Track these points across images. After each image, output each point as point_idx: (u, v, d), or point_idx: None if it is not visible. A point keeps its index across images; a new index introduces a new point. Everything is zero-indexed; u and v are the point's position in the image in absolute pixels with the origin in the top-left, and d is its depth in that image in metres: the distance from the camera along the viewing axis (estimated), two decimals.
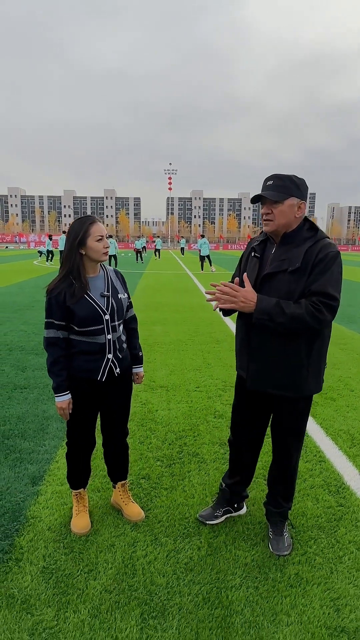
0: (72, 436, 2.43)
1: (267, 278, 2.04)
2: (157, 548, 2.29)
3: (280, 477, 2.33)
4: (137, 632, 1.80)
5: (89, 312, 2.17)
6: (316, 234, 2.01)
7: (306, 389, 2.09)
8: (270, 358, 2.06)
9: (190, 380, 4.96)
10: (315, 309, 1.89)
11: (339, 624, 1.85)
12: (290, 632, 1.81)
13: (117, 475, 2.59)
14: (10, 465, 3.09)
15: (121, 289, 2.37)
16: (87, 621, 1.85)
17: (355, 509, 2.63)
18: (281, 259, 2.01)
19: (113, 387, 2.38)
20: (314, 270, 1.94)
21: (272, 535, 2.31)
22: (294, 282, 1.96)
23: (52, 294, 2.18)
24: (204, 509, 2.55)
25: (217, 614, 1.89)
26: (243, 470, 2.46)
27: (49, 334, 2.22)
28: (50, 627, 1.82)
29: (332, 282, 1.92)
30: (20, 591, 2.00)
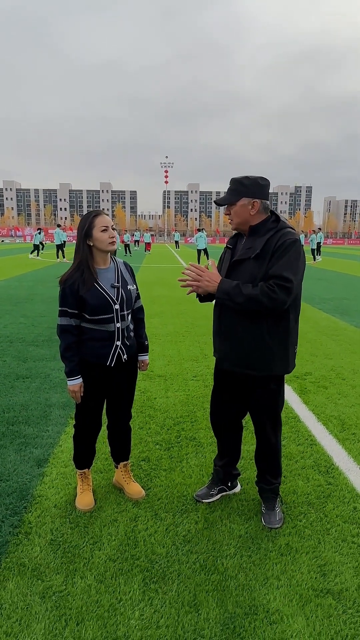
0: (80, 419, 2.57)
1: (236, 264, 2.28)
2: (157, 522, 2.44)
3: (263, 456, 2.50)
4: (140, 594, 1.96)
5: (100, 301, 2.31)
6: (278, 225, 2.24)
7: (274, 369, 2.27)
8: (237, 338, 2.26)
9: (187, 370, 5.12)
10: (269, 290, 2.10)
11: (325, 587, 2.02)
12: (280, 594, 1.97)
13: (120, 456, 2.72)
14: (16, 449, 3.24)
15: (130, 280, 2.50)
16: (94, 585, 2.01)
17: (343, 487, 2.80)
18: (247, 247, 2.25)
19: (120, 373, 2.51)
20: (274, 256, 2.16)
21: (265, 510, 2.48)
22: (256, 268, 2.18)
23: (66, 284, 2.32)
24: (200, 489, 2.71)
25: (213, 578, 2.06)
26: (229, 450, 2.64)
27: (63, 322, 2.36)
28: (59, 591, 1.98)
29: (288, 266, 2.12)
30: (30, 560, 2.15)
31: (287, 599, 1.95)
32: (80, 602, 1.92)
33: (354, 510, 2.57)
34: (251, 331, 2.22)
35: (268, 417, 2.41)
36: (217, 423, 2.61)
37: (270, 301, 2.10)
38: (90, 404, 2.52)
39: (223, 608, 1.90)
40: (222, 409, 2.55)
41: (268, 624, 1.83)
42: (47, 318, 7.99)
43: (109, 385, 2.54)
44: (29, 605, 1.90)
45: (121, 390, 2.57)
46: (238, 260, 2.27)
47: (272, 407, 2.39)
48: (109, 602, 1.92)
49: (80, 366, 2.42)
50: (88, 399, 2.49)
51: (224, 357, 2.36)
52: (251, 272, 2.19)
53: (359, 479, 2.89)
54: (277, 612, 1.88)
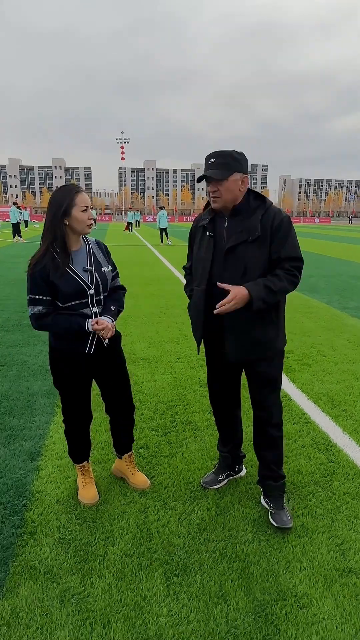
0: (68, 411, 2.41)
1: (230, 251, 2.10)
2: (169, 512, 2.36)
3: (268, 442, 2.33)
4: (164, 589, 1.89)
5: (73, 287, 2.10)
6: (264, 203, 2.11)
7: (278, 345, 2.25)
8: (246, 328, 2.13)
9: (170, 352, 5.01)
10: (292, 275, 2.07)
11: (346, 566, 2.02)
12: (304, 577, 1.96)
13: (124, 448, 2.60)
14: (4, 442, 3.04)
15: (104, 261, 2.28)
16: (114, 584, 1.91)
17: (344, 464, 2.83)
18: (238, 230, 2.08)
19: (104, 362, 2.34)
20: (275, 236, 2.06)
21: (274, 511, 2.31)
22: (257, 250, 2.06)
23: (36, 269, 2.08)
24: (206, 475, 2.64)
25: (236, 566, 2.01)
26: (232, 435, 2.58)
27: (34, 311, 2.13)
28: (78, 592, 1.86)
29: (295, 245, 2.09)
30: (41, 562, 2.02)
31: (312, 581, 1.94)
32: (102, 602, 1.82)
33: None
34: (260, 318, 2.13)
35: (272, 391, 2.29)
36: (220, 412, 2.55)
37: (294, 286, 2.09)
38: (75, 395, 2.35)
39: (251, 596, 1.86)
40: (222, 396, 2.49)
41: (298, 608, 1.81)
42: (14, 301, 7.59)
43: (93, 375, 2.38)
44: (47, 611, 1.78)
45: (112, 379, 2.41)
46: (232, 246, 2.08)
47: (277, 378, 2.30)
48: (133, 601, 1.83)
49: (59, 354, 2.25)
50: (71, 389, 2.34)
51: (235, 351, 2.19)
52: (252, 256, 2.06)
53: (359, 455, 2.93)
54: (305, 595, 1.87)
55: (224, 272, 2.13)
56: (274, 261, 2.09)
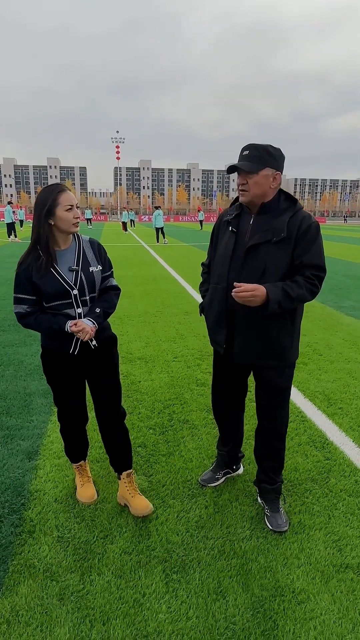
0: (60, 412, 2.41)
1: (252, 249, 2.03)
2: (167, 510, 2.38)
3: (270, 452, 2.32)
4: (163, 586, 1.90)
5: (55, 288, 2.06)
6: (295, 205, 2.05)
7: (291, 356, 2.17)
8: (258, 331, 2.08)
9: (166, 351, 5.02)
10: (312, 285, 1.99)
11: (343, 562, 2.04)
12: (302, 573, 1.98)
13: (121, 464, 2.41)
14: (1, 442, 3.04)
15: (94, 260, 2.19)
16: (113, 582, 1.92)
17: (341, 462, 2.85)
18: (263, 229, 2.02)
19: (95, 364, 2.27)
20: (300, 241, 1.98)
21: (270, 513, 2.30)
22: (279, 252, 1.99)
23: (21, 268, 2.07)
24: (204, 473, 2.64)
25: (234, 563, 2.03)
26: (233, 436, 2.57)
27: (17, 310, 2.11)
28: (77, 590, 1.87)
29: (321, 254, 2.02)
30: (40, 561, 2.02)
31: (309, 577, 1.96)
32: (102, 600, 1.83)
33: (356, 484, 2.62)
34: (274, 323, 2.06)
35: (280, 403, 2.25)
36: (221, 413, 2.53)
37: (313, 295, 2.01)
38: (64, 395, 2.33)
39: (249, 592, 1.88)
40: (226, 398, 2.46)
41: (296, 604, 1.83)
42: (9, 301, 7.57)
43: (81, 375, 2.30)
44: (47, 609, 1.78)
45: (102, 381, 2.30)
46: (254, 244, 2.02)
47: (286, 392, 2.26)
48: (132, 598, 1.84)
49: (45, 354, 2.25)
50: (60, 390, 2.32)
51: (242, 352, 2.14)
52: (274, 257, 1.99)
53: (354, 452, 2.96)
54: (303, 591, 1.89)
55: (242, 271, 2.06)
56: (295, 266, 2.01)
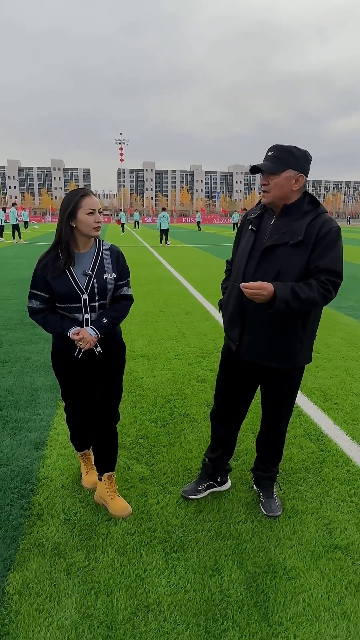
0: (66, 405, 2.51)
1: (268, 251, 2.02)
2: (167, 496, 2.51)
3: (270, 444, 2.41)
4: (163, 563, 2.04)
5: (66, 289, 2.11)
6: (317, 208, 2.01)
7: (300, 361, 2.15)
8: (267, 331, 2.07)
9: (168, 349, 5.16)
10: (325, 289, 1.93)
11: (332, 543, 2.17)
12: (293, 552, 2.11)
13: (104, 465, 2.42)
14: (10, 433, 3.18)
15: (110, 268, 2.20)
16: (117, 559, 2.06)
17: (334, 453, 2.98)
18: (282, 231, 2.00)
19: (100, 368, 2.30)
20: (318, 245, 1.95)
21: (264, 499, 2.40)
22: (295, 256, 1.97)
23: (39, 265, 2.15)
24: (187, 485, 2.55)
25: (230, 543, 2.16)
26: (226, 443, 2.48)
27: (31, 304, 2.20)
28: (83, 566, 2.01)
29: (338, 259, 1.97)
30: (48, 540, 2.16)
31: (300, 556, 2.09)
32: (106, 575, 1.97)
33: (348, 473, 2.75)
34: (286, 325, 2.04)
35: (286, 407, 2.31)
36: (222, 412, 2.42)
37: (325, 301, 1.95)
38: (69, 390, 2.41)
39: (244, 569, 2.01)
40: (231, 398, 2.37)
41: (287, 579, 1.96)
42: (15, 301, 7.73)
43: (87, 377, 2.34)
44: (55, 582, 1.92)
45: (102, 385, 2.33)
46: (271, 245, 2.01)
47: (291, 397, 2.30)
48: (134, 573, 1.98)
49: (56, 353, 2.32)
50: (65, 385, 2.41)
51: (249, 349, 2.14)
52: (289, 260, 1.97)
53: (348, 445, 3.09)
54: (294, 568, 2.02)
55: (256, 271, 2.05)
56: (310, 270, 1.97)
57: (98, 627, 1.72)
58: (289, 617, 1.78)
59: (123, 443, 3.06)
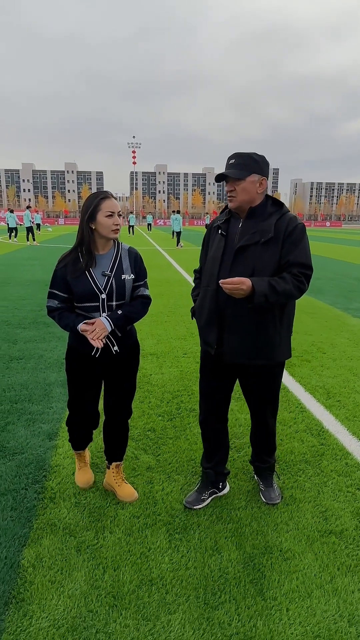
0: (71, 407, 2.51)
1: (241, 251, 2.13)
2: (172, 483, 2.65)
3: (260, 438, 2.51)
4: (166, 543, 2.18)
5: (85, 289, 2.17)
6: (281, 208, 2.16)
7: (280, 356, 2.23)
8: (247, 330, 2.14)
9: (177, 348, 5.31)
10: (299, 282, 2.06)
11: (327, 528, 2.29)
12: (290, 536, 2.23)
13: (114, 456, 2.54)
14: (24, 425, 3.36)
15: (128, 269, 2.26)
16: (123, 538, 2.20)
17: (334, 447, 3.09)
18: (251, 232, 2.12)
19: (115, 367, 2.36)
20: (287, 241, 2.08)
21: (264, 488, 2.51)
22: (267, 253, 2.08)
23: (59, 266, 2.21)
24: (189, 495, 2.52)
25: (230, 527, 2.29)
26: (219, 448, 2.51)
27: (49, 303, 2.26)
28: (92, 544, 2.16)
29: (307, 253, 2.12)
30: (60, 520, 2.32)
31: (296, 540, 2.21)
32: (113, 552, 2.11)
33: (346, 465, 2.86)
34: (264, 322, 2.13)
35: (270, 402, 2.40)
36: (208, 420, 2.46)
37: (300, 292, 2.08)
38: (79, 392, 2.43)
39: (242, 550, 2.14)
40: (218, 402, 2.42)
41: (283, 560, 2.08)
42: (29, 301, 7.96)
43: (102, 378, 2.41)
44: (66, 557, 2.08)
45: (117, 387, 2.41)
46: (243, 246, 2.12)
47: (275, 392, 2.39)
48: (139, 551, 2.12)
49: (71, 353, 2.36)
50: (76, 386, 2.42)
51: (230, 350, 2.19)
52: (262, 258, 2.08)
53: (347, 439, 3.19)
54: (289, 550, 2.14)
55: (231, 272, 2.13)
56: (283, 266, 2.10)
57: (105, 597, 1.87)
58: (283, 593, 1.90)
59: (131, 435, 3.21)
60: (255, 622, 1.77)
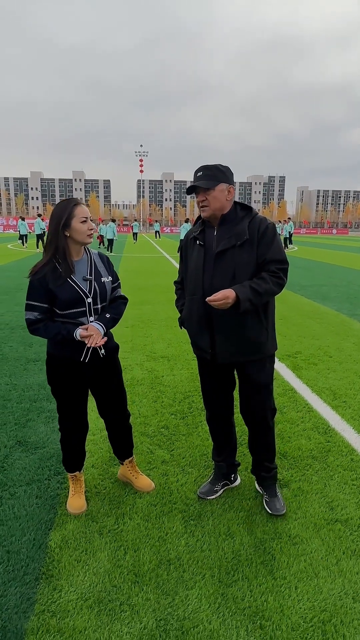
0: (63, 419, 2.48)
1: (220, 255, 2.24)
2: (186, 476, 2.81)
3: (259, 442, 2.51)
4: (182, 529, 2.33)
5: (71, 295, 2.19)
6: (251, 212, 2.30)
7: (269, 349, 2.36)
8: (235, 331, 2.25)
9: (187, 351, 5.47)
10: (277, 277, 2.20)
11: (333, 517, 2.43)
12: (298, 524, 2.38)
13: (124, 454, 2.66)
14: (44, 422, 3.53)
15: (105, 272, 2.35)
16: (142, 524, 2.36)
17: (340, 444, 3.23)
18: (227, 237, 2.24)
19: (100, 371, 2.41)
20: (262, 241, 2.21)
21: (268, 498, 2.50)
22: (245, 254, 2.21)
23: (35, 277, 2.20)
24: (202, 486, 2.65)
25: (242, 515, 2.44)
26: (228, 441, 2.64)
27: (28, 316, 2.23)
28: (114, 529, 2.32)
29: (280, 248, 2.25)
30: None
31: (304, 527, 2.36)
32: (133, 536, 2.27)
33: (352, 461, 3.00)
34: (250, 321, 2.24)
35: (266, 396, 2.43)
36: (216, 416, 2.60)
37: (280, 287, 2.22)
38: (69, 403, 2.43)
39: (253, 535, 2.29)
40: (219, 400, 2.54)
41: (292, 544, 2.23)
42: None
43: (88, 384, 2.44)
44: (89, 540, 2.24)
45: (107, 391, 2.47)
46: (221, 250, 2.24)
47: (269, 386, 2.43)
48: (157, 535, 2.28)
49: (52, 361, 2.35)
50: (65, 398, 2.41)
51: (222, 352, 2.31)
52: (241, 259, 2.20)
53: (353, 437, 3.33)
54: (298, 536, 2.29)
55: (213, 278, 2.24)
56: (260, 264, 2.23)
57: (127, 574, 2.03)
58: (292, 573, 2.05)
59: (146, 431, 3.37)
60: (267, 598, 1.91)
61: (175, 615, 1.83)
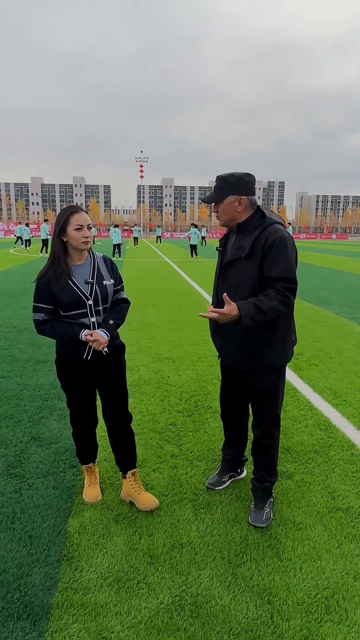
0: (73, 414, 2.59)
1: (227, 266, 2.29)
2: (194, 469, 2.95)
3: (261, 448, 2.48)
4: (193, 516, 2.47)
5: (71, 298, 2.28)
6: (264, 222, 2.21)
7: (272, 362, 2.31)
8: (237, 339, 2.30)
9: (191, 353, 5.63)
10: (283, 296, 2.10)
11: (335, 506, 2.58)
12: (301, 512, 2.52)
13: (126, 464, 2.61)
14: (56, 419, 3.68)
15: (107, 275, 2.42)
16: (155, 512, 2.50)
17: (341, 439, 3.38)
18: (237, 247, 2.25)
19: (103, 369, 2.47)
20: (267, 255, 2.13)
21: (253, 508, 2.46)
22: (248, 268, 2.19)
23: (41, 281, 2.30)
24: (211, 477, 2.78)
25: (248, 504, 2.58)
26: (238, 438, 2.73)
27: (36, 317, 2.34)
28: (128, 516, 2.47)
29: (287, 265, 2.13)
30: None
31: (307, 514, 2.50)
32: (146, 522, 2.42)
33: (352, 455, 3.14)
34: (253, 334, 2.24)
35: (266, 405, 2.41)
36: (228, 414, 2.69)
37: (286, 306, 2.14)
38: (76, 398, 2.53)
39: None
40: (231, 400, 2.63)
41: (296, 530, 2.37)
42: None
43: (93, 380, 2.50)
44: (106, 526, 2.38)
45: (110, 390, 2.52)
46: (230, 261, 2.27)
47: (272, 396, 2.39)
48: (170, 522, 2.42)
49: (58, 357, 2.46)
50: (72, 393, 2.52)
51: (225, 357, 2.41)
52: (244, 272, 2.20)
53: (354, 433, 3.48)
54: (302, 523, 2.43)
55: (221, 286, 2.32)
56: (266, 280, 2.15)
57: (143, 557, 2.17)
58: (297, 555, 2.19)
59: (154, 428, 3.52)
60: (274, 577, 2.06)
61: (189, 592, 1.97)
